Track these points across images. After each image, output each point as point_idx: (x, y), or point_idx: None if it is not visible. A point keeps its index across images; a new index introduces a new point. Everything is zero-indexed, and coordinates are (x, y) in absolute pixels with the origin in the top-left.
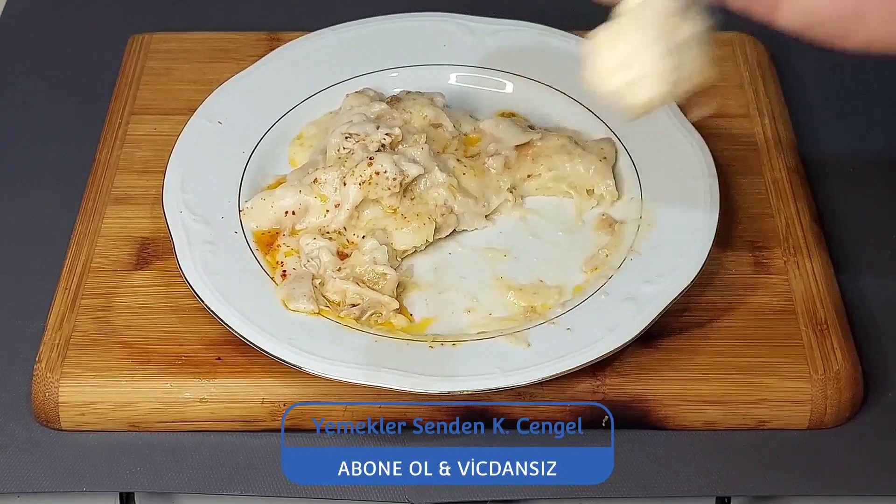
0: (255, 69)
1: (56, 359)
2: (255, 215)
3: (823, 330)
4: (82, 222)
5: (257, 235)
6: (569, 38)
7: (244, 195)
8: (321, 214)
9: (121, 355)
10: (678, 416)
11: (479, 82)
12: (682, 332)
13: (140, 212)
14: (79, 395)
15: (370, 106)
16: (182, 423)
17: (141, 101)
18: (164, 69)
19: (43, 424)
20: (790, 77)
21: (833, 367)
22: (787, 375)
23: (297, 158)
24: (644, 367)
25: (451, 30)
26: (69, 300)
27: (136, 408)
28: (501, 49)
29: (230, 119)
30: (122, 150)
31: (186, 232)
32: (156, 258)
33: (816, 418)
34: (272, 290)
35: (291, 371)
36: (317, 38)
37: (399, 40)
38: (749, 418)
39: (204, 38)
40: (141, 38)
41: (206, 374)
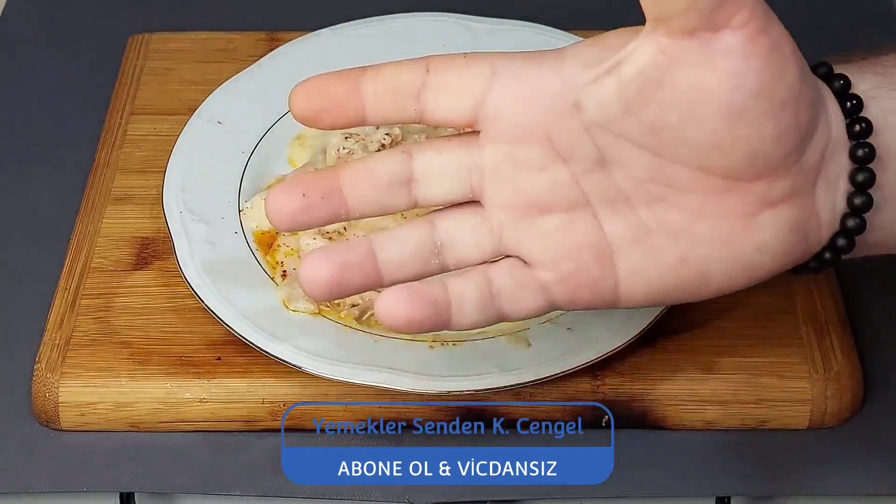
0: (255, 69)
1: (56, 359)
2: (255, 215)
3: (823, 330)
4: (82, 222)
5: (257, 235)
6: (569, 38)
7: (244, 195)
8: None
9: (121, 355)
10: (678, 416)
11: None
12: (682, 332)
13: (140, 212)
14: (79, 395)
15: None
16: (182, 423)
17: (140, 102)
18: (163, 69)
19: (43, 424)
20: None
21: (833, 367)
22: (787, 375)
23: (297, 158)
24: (644, 367)
25: (451, 30)
26: (69, 300)
27: (136, 408)
28: (501, 49)
29: (230, 119)
30: (121, 150)
31: (186, 232)
32: (156, 258)
33: (816, 418)
34: (272, 290)
35: (291, 371)
36: (316, 38)
37: (399, 40)
38: (749, 418)
39: (204, 38)
40: (141, 38)
41: (206, 374)
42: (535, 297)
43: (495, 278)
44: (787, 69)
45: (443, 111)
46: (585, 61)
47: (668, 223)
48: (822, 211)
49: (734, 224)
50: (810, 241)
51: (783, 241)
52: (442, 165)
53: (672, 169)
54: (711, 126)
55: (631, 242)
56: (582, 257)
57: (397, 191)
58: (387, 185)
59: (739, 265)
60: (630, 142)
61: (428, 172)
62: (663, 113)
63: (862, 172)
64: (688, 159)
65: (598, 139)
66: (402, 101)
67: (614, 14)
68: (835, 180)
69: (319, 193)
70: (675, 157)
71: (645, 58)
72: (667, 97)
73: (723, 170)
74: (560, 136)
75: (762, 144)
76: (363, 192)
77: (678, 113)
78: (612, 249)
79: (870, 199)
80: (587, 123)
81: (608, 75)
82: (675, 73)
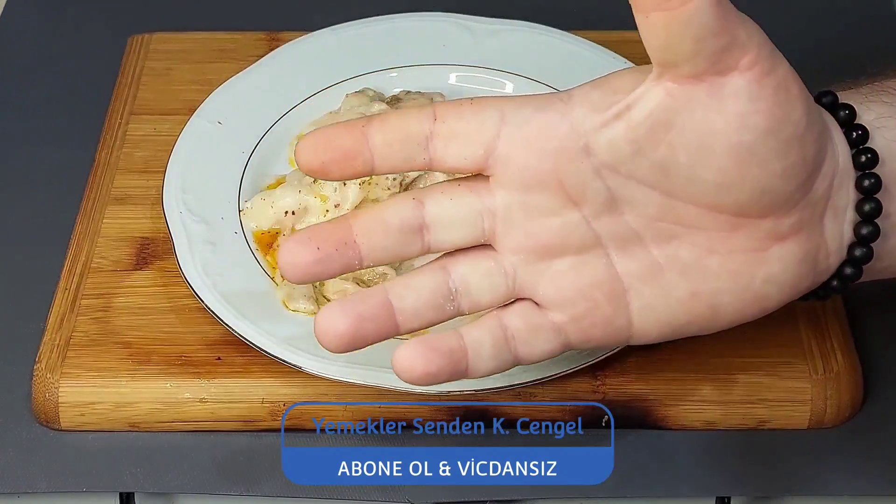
0: (255, 69)
1: (56, 359)
2: (255, 215)
3: (823, 330)
4: (82, 222)
5: (257, 235)
6: (569, 38)
7: (244, 195)
8: (321, 214)
9: (121, 355)
10: (678, 416)
11: (479, 82)
12: None
13: (140, 212)
14: (79, 395)
15: (370, 106)
16: (182, 423)
17: (140, 102)
18: (163, 69)
19: (43, 424)
20: None
21: (833, 367)
22: (787, 375)
23: None
24: (644, 367)
25: (451, 30)
26: (69, 300)
27: (136, 408)
28: (501, 49)
29: (230, 119)
30: (121, 151)
31: (186, 232)
32: (156, 258)
33: (816, 418)
34: (272, 290)
35: (291, 371)
36: (316, 38)
37: (399, 40)
38: (749, 418)
39: (204, 38)
40: (141, 38)
41: (206, 374)
42: (549, 340)
43: (509, 324)
44: (794, 108)
45: (453, 159)
46: (594, 105)
47: (679, 260)
48: (830, 241)
49: (744, 259)
50: (819, 270)
51: (792, 272)
52: (454, 212)
53: (682, 207)
54: (720, 166)
55: (643, 280)
56: (595, 297)
57: (410, 239)
58: (399, 233)
59: (750, 298)
60: (640, 182)
61: (440, 219)
62: (673, 154)
63: (868, 202)
64: (697, 198)
65: (608, 181)
66: (411, 150)
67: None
68: (842, 210)
69: (334, 246)
70: (685, 196)
71: (654, 102)
72: (676, 139)
73: (732, 207)
74: (570, 179)
75: (770, 182)
76: (376, 241)
77: (687, 153)
78: (624, 288)
79: (877, 228)
80: (597, 166)
81: (617, 119)
82: (683, 116)
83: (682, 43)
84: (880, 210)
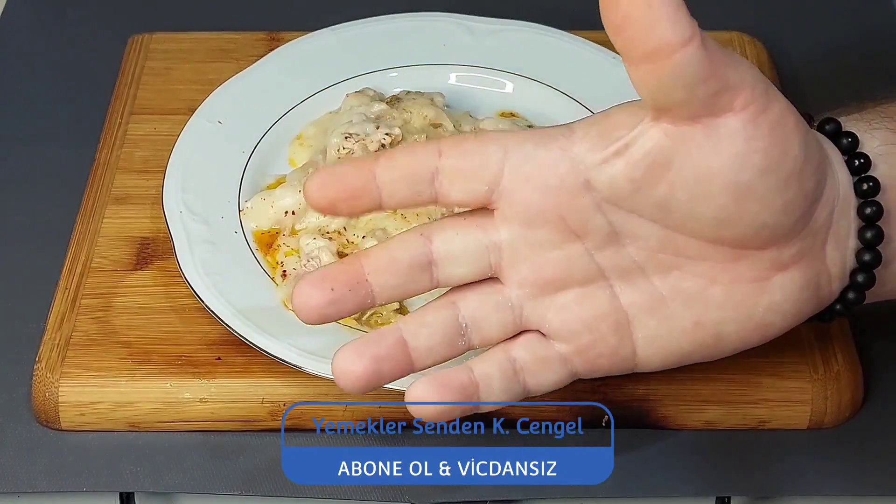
0: (255, 69)
1: (56, 359)
2: (255, 215)
3: (823, 330)
4: (82, 222)
5: (257, 235)
6: (569, 38)
7: (244, 195)
8: (321, 214)
9: (121, 355)
10: (678, 416)
11: (479, 82)
12: None
13: (140, 212)
14: (79, 395)
15: (370, 106)
16: (182, 423)
17: (140, 102)
18: (163, 69)
19: (43, 424)
20: (790, 77)
21: (833, 367)
22: (787, 375)
23: (297, 158)
24: None
25: (451, 30)
26: (69, 300)
27: (136, 408)
28: (501, 49)
29: (230, 119)
30: (122, 150)
31: (186, 232)
32: (156, 258)
33: (816, 418)
34: (272, 290)
35: (291, 371)
36: (316, 38)
37: (399, 40)
38: (749, 418)
39: (204, 38)
40: (140, 38)
41: (206, 374)
42: (556, 371)
43: (517, 356)
44: (792, 143)
45: (458, 194)
46: (594, 142)
47: (682, 290)
48: (832, 267)
49: (746, 288)
50: (821, 296)
51: (795, 300)
52: (461, 247)
53: (683, 240)
54: (719, 203)
55: (647, 311)
56: (600, 328)
57: (419, 275)
58: (409, 270)
59: (753, 326)
60: (641, 216)
61: (448, 255)
62: (672, 191)
63: (870, 230)
64: (698, 232)
65: (609, 215)
66: (417, 186)
67: None
68: (844, 237)
69: (347, 286)
70: (686, 230)
71: (651, 142)
72: (675, 177)
73: (732, 241)
74: (572, 214)
75: (770, 216)
76: (387, 279)
77: (686, 191)
78: (628, 319)
79: (878, 255)
80: (598, 201)
81: (617, 157)
82: (681, 155)
83: (673, 91)
84: (882, 237)
